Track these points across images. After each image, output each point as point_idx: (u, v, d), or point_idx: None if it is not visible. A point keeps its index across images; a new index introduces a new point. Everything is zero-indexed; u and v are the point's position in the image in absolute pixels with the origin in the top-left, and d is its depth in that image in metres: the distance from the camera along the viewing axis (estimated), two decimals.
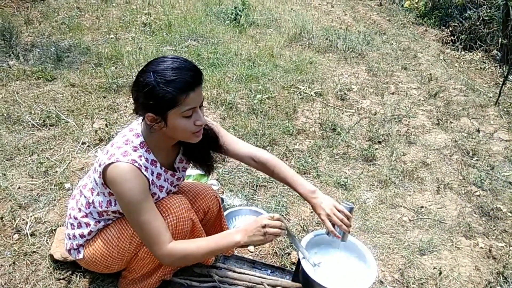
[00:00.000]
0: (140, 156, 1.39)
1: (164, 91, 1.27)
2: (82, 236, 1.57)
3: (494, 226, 2.49)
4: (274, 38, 5.08)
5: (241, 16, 5.40)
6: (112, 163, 1.34)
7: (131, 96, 1.40)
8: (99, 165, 1.40)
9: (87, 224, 1.56)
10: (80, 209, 1.57)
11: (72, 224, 1.59)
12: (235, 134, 3.04)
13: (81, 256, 1.60)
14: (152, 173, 1.46)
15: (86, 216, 1.55)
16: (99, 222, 1.56)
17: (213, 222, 1.88)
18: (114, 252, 1.54)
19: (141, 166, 1.37)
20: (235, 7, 5.45)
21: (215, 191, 1.85)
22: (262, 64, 4.29)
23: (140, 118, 1.44)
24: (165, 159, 1.54)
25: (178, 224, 1.50)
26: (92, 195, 1.51)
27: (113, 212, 1.53)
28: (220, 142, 1.63)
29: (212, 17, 5.56)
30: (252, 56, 4.40)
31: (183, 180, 1.70)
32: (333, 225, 1.55)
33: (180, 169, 1.65)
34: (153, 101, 1.29)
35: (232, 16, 5.42)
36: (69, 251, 1.64)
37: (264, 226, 1.41)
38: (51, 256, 1.83)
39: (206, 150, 1.61)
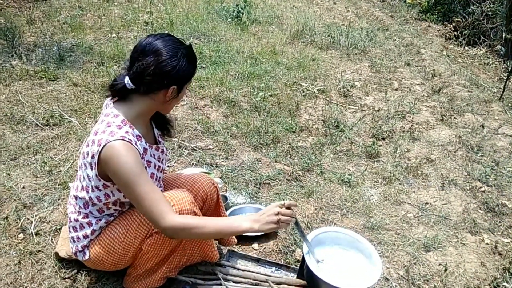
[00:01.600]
0: (127, 132, 1.43)
1: (191, 67, 1.51)
2: (85, 236, 1.58)
3: (499, 222, 2.47)
4: (276, 36, 5.07)
5: (243, 14, 5.39)
6: (104, 146, 1.37)
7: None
8: (92, 157, 1.41)
9: (89, 224, 1.56)
10: (79, 212, 1.57)
11: (74, 227, 1.60)
12: (238, 132, 3.05)
13: (87, 257, 1.60)
14: (140, 147, 1.49)
15: (87, 216, 1.56)
16: (100, 220, 1.57)
17: (213, 211, 1.89)
18: (120, 248, 1.55)
19: (131, 140, 1.41)
20: (237, 5, 5.44)
21: (211, 178, 1.86)
22: (265, 61, 4.28)
23: (110, 104, 1.52)
24: (147, 134, 1.60)
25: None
26: (88, 192, 1.51)
27: (114, 203, 1.54)
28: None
29: (214, 15, 5.55)
30: (254, 54, 4.39)
31: (166, 153, 1.74)
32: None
33: (162, 143, 1.70)
34: (180, 75, 1.47)
35: (234, 14, 5.41)
36: (75, 254, 1.64)
37: (277, 214, 1.45)
38: (56, 254, 1.83)
39: (165, 117, 1.73)
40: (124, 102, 1.50)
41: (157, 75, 1.43)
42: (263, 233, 2.05)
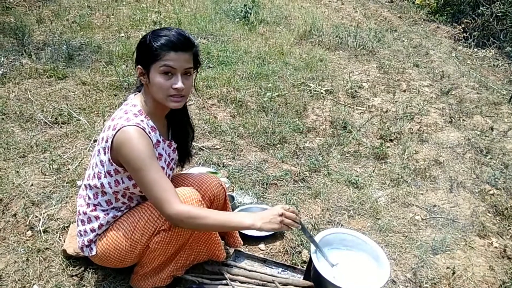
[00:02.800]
0: (142, 120, 1.47)
1: (150, 45, 1.42)
2: (92, 230, 1.59)
3: (508, 226, 2.45)
4: (284, 36, 5.06)
5: (250, 14, 5.39)
6: (118, 130, 1.40)
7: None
8: (106, 141, 1.45)
9: (97, 217, 1.57)
10: (88, 204, 1.59)
11: (82, 220, 1.61)
12: (245, 132, 3.04)
13: (93, 252, 1.61)
14: (153, 138, 1.51)
15: (95, 209, 1.57)
16: (108, 213, 1.58)
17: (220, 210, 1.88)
18: (127, 245, 1.56)
19: (145, 128, 1.44)
20: (245, 5, 5.44)
21: (219, 179, 1.86)
22: (272, 61, 4.28)
23: (132, 95, 1.59)
24: (162, 128, 1.62)
25: None
26: (99, 179, 1.53)
27: (123, 194, 1.56)
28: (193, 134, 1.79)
29: (222, 15, 5.55)
30: (262, 54, 4.39)
31: (177, 154, 1.74)
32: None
33: (173, 141, 1.70)
34: (140, 53, 1.47)
35: (242, 14, 5.41)
36: (81, 248, 1.65)
37: (281, 215, 1.46)
38: (64, 251, 1.84)
39: (185, 134, 1.74)
40: (141, 94, 1.56)
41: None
42: (267, 233, 2.05)
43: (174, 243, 1.58)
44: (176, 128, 1.71)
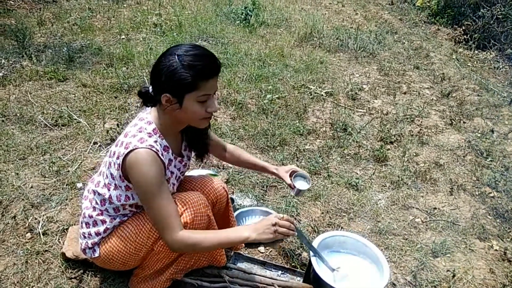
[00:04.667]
0: (156, 141, 1.44)
1: (186, 74, 1.33)
2: (97, 233, 1.58)
3: (509, 228, 2.44)
4: (284, 38, 5.06)
5: (251, 16, 5.39)
6: (131, 151, 1.38)
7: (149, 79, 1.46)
8: (117, 158, 1.42)
9: (103, 222, 1.57)
10: (94, 208, 1.58)
11: (87, 223, 1.60)
12: (245, 134, 3.04)
13: (96, 254, 1.60)
14: (165, 158, 1.50)
15: (102, 213, 1.57)
16: (114, 218, 1.57)
17: (222, 214, 1.88)
18: (132, 248, 1.56)
19: (158, 151, 1.41)
20: (245, 7, 5.45)
21: (223, 182, 1.87)
22: (272, 64, 4.28)
23: (149, 109, 1.50)
24: (175, 145, 1.59)
25: (195, 218, 1.52)
26: (109, 190, 1.52)
27: (131, 206, 1.55)
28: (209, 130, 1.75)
29: (222, 17, 5.56)
30: (262, 56, 4.39)
31: (189, 167, 1.74)
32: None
33: (186, 157, 1.69)
34: (174, 83, 1.35)
35: (242, 16, 5.41)
36: (83, 250, 1.64)
37: (274, 224, 1.45)
38: (63, 254, 1.84)
39: (203, 136, 1.69)
40: (157, 111, 1.49)
41: (151, 80, 1.43)
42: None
43: None
44: (191, 133, 1.66)
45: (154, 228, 1.54)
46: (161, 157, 1.42)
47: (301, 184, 1.85)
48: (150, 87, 1.45)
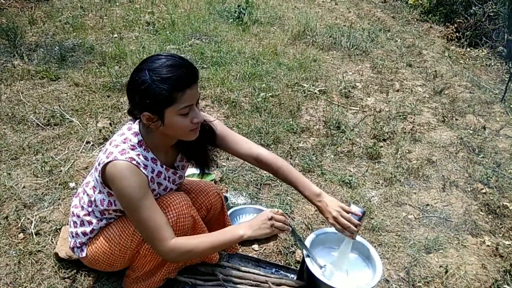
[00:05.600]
0: (138, 154, 1.39)
1: (160, 88, 1.26)
2: (84, 234, 1.58)
3: (501, 224, 2.46)
4: (277, 36, 5.06)
5: (244, 14, 5.39)
6: (110, 161, 1.34)
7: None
8: (99, 164, 1.40)
9: (90, 223, 1.56)
10: (82, 207, 1.57)
11: (75, 222, 1.60)
12: (239, 132, 3.01)
13: (84, 254, 1.60)
14: (153, 171, 1.46)
15: (89, 214, 1.56)
16: (101, 220, 1.56)
17: (216, 219, 1.87)
18: (116, 250, 1.55)
19: (139, 164, 1.37)
20: (239, 5, 5.44)
21: (217, 187, 1.85)
22: (266, 62, 4.28)
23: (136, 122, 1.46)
24: (165, 157, 1.54)
25: (178, 220, 1.49)
26: (94, 193, 1.51)
27: (114, 211, 1.53)
28: (216, 135, 1.60)
29: (216, 16, 5.55)
30: (256, 54, 4.39)
31: (184, 179, 1.70)
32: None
33: (180, 168, 1.64)
34: (149, 100, 1.28)
35: (236, 15, 5.41)
36: (72, 249, 1.64)
37: (270, 219, 1.43)
38: (56, 254, 1.83)
39: (201, 147, 1.60)
40: (141, 127, 1.45)
41: (129, 100, 1.38)
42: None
43: None
44: (187, 145, 1.57)
45: (137, 231, 1.51)
46: (143, 170, 1.38)
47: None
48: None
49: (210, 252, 1.57)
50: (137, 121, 1.46)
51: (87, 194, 1.55)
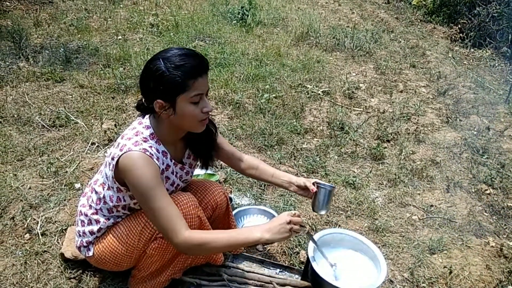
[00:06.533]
0: (151, 146, 1.43)
1: (173, 75, 1.33)
2: (92, 233, 1.59)
3: (505, 225, 2.46)
4: (281, 37, 5.08)
5: (248, 16, 5.40)
6: (124, 153, 1.37)
7: (139, 89, 1.47)
8: (112, 159, 1.42)
9: (97, 221, 1.58)
10: (90, 206, 1.59)
11: (82, 221, 1.61)
12: (242, 134, 3.05)
13: (90, 253, 1.61)
14: (163, 163, 1.49)
15: (96, 213, 1.58)
16: (108, 219, 1.58)
17: (221, 219, 1.88)
18: (123, 249, 1.56)
19: (152, 155, 1.40)
20: (242, 7, 5.46)
21: (223, 187, 1.86)
22: (269, 63, 4.29)
23: (147, 117, 1.49)
24: (174, 152, 1.57)
25: (185, 220, 1.50)
26: (103, 189, 1.53)
27: (123, 208, 1.55)
28: (216, 134, 1.69)
29: (219, 17, 5.57)
30: (259, 56, 4.40)
31: (191, 176, 1.72)
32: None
33: (188, 164, 1.67)
34: (163, 86, 1.34)
35: (239, 16, 5.42)
36: (79, 248, 1.65)
37: (289, 223, 1.41)
38: (61, 255, 1.85)
39: (207, 141, 1.65)
40: (154, 118, 1.49)
41: (142, 90, 1.43)
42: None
43: (171, 249, 1.57)
44: (194, 140, 1.62)
45: (145, 230, 1.53)
46: (156, 161, 1.40)
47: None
48: (142, 98, 1.44)
49: (224, 249, 1.57)
50: (147, 115, 1.49)
51: (96, 192, 1.56)
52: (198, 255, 1.70)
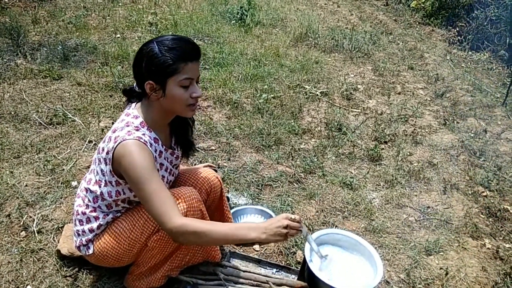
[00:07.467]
0: (144, 134, 1.46)
1: (165, 57, 1.38)
2: (91, 230, 1.59)
3: (501, 227, 2.47)
4: (279, 38, 5.08)
5: (246, 16, 5.40)
6: (119, 143, 1.39)
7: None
8: (107, 153, 1.43)
9: (96, 218, 1.57)
10: (87, 205, 1.58)
11: (80, 220, 1.60)
12: (240, 134, 3.05)
13: (90, 251, 1.61)
14: (155, 150, 1.52)
15: (95, 210, 1.57)
16: (107, 215, 1.58)
17: (217, 204, 1.89)
18: (125, 244, 1.56)
19: (146, 142, 1.42)
20: (241, 7, 5.45)
21: (215, 172, 1.88)
22: (268, 63, 4.29)
23: (133, 104, 1.53)
24: (164, 138, 1.61)
25: (188, 212, 1.51)
26: (100, 187, 1.53)
27: (123, 201, 1.55)
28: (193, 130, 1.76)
29: (218, 17, 5.56)
30: (258, 56, 4.40)
31: (181, 161, 1.76)
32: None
33: (177, 149, 1.71)
34: (155, 67, 1.39)
35: (238, 16, 5.42)
36: (78, 248, 1.65)
37: (286, 227, 1.41)
38: (58, 251, 1.84)
39: (187, 128, 1.71)
40: (143, 104, 1.52)
41: (134, 72, 1.48)
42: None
43: (172, 242, 1.57)
44: (176, 125, 1.68)
45: (147, 223, 1.54)
46: (150, 148, 1.43)
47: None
48: (135, 83, 1.48)
49: (218, 242, 1.59)
50: (133, 105, 1.52)
51: (91, 191, 1.56)
52: (191, 245, 1.68)
